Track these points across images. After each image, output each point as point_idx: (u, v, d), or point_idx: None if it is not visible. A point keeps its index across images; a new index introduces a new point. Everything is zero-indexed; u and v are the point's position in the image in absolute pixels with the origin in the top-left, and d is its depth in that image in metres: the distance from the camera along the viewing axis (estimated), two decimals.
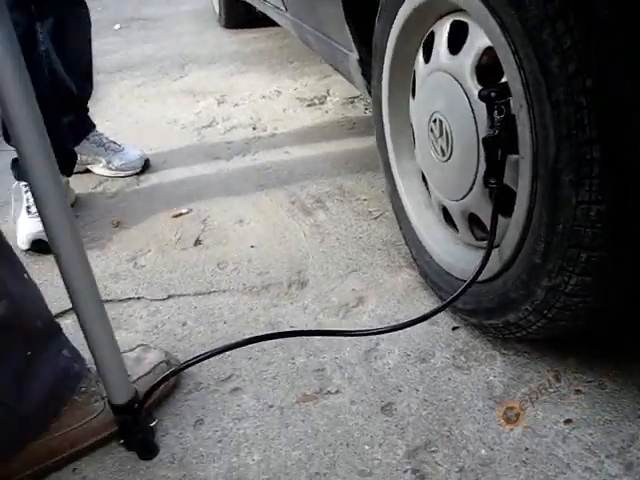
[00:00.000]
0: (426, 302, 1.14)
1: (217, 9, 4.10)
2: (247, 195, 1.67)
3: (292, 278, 1.28)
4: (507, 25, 0.74)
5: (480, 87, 0.85)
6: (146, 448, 0.89)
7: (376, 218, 1.47)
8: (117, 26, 4.58)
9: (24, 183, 1.63)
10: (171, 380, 0.97)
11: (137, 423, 0.88)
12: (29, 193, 1.59)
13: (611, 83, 0.63)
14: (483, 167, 0.86)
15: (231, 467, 0.85)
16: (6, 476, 0.83)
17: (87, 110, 1.88)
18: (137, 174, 1.90)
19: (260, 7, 2.64)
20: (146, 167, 1.92)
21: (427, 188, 1.13)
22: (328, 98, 2.36)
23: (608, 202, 0.67)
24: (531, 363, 0.96)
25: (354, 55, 1.38)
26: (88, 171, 1.93)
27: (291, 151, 1.93)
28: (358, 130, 2.02)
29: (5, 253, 0.81)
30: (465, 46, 0.89)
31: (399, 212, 1.24)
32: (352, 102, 2.28)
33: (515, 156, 0.80)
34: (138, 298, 1.30)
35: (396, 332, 1.02)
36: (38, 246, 1.49)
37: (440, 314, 1.08)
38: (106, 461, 0.88)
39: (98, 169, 1.91)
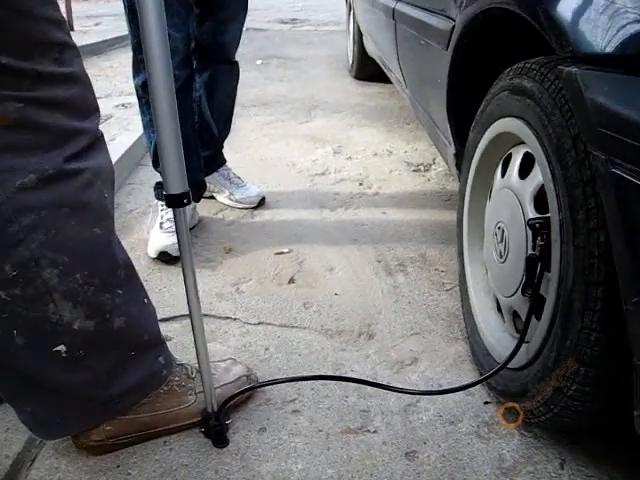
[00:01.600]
0: (469, 374, 1.32)
1: (350, 60, 4.44)
2: (342, 246, 1.92)
3: (362, 329, 1.51)
4: (555, 173, 0.94)
5: (534, 213, 1.05)
6: (219, 439, 1.14)
7: (448, 290, 1.67)
8: (259, 62, 5.05)
9: (162, 202, 1.98)
10: (248, 392, 1.23)
11: (217, 418, 1.14)
12: (164, 212, 1.94)
13: (619, 243, 0.81)
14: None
15: (279, 469, 1.08)
16: (116, 435, 1.11)
17: (222, 147, 2.23)
18: (253, 208, 2.21)
19: (386, 72, 2.92)
20: (261, 203, 2.23)
21: (488, 278, 1.32)
22: (433, 167, 2.58)
23: (604, 332, 0.85)
24: (543, 448, 1.12)
25: (451, 148, 1.60)
26: (213, 198, 2.27)
27: (388, 212, 2.17)
28: (452, 203, 2.22)
29: (132, 284, 1.06)
30: (530, 176, 1.09)
31: (463, 292, 1.43)
32: (452, 176, 2.48)
33: (548, 274, 0.99)
34: (234, 319, 1.57)
35: (434, 395, 1.22)
36: (164, 257, 1.83)
37: (477, 388, 1.26)
38: (189, 441, 1.15)
39: (221, 198, 2.25)
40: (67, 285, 0.93)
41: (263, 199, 2.25)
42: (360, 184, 2.42)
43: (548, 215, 0.97)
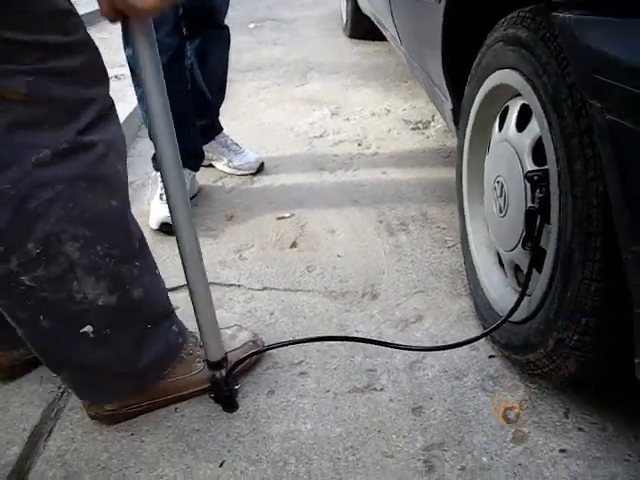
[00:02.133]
0: (474, 330, 1.33)
1: (344, 18, 4.35)
2: (342, 208, 1.92)
3: (366, 289, 1.51)
4: (552, 124, 0.93)
5: (532, 165, 1.04)
6: (229, 403, 1.16)
7: (450, 247, 1.67)
8: (252, 25, 4.95)
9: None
10: (255, 357, 1.24)
11: (226, 383, 1.15)
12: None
13: (616, 192, 0.80)
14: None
15: (288, 430, 1.11)
16: (129, 404, 1.13)
17: (218, 115, 2.21)
18: (252, 174, 2.20)
19: (382, 30, 2.87)
20: (261, 169, 2.22)
21: (489, 233, 1.32)
22: (432, 124, 2.55)
23: (604, 282, 0.85)
24: (548, 398, 1.14)
25: (448, 104, 1.58)
26: (212, 166, 2.26)
27: (388, 172, 2.15)
28: (452, 160, 2.20)
29: (145, 255, 1.07)
30: (527, 128, 1.07)
31: (465, 247, 1.43)
32: (452, 132, 2.45)
33: (549, 226, 0.99)
34: (239, 285, 1.58)
35: (439, 351, 1.23)
36: (166, 228, 1.83)
37: (481, 342, 1.27)
38: (199, 407, 1.17)
39: (220, 166, 2.23)
40: (89, 258, 0.94)
41: (262, 164, 2.24)
42: (359, 145, 2.40)
43: (546, 167, 0.97)
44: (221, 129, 2.24)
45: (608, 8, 0.71)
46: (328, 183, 2.11)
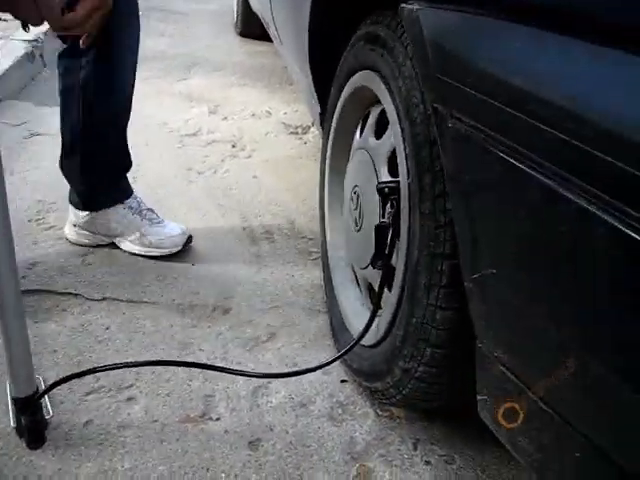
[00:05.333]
0: (329, 351, 1.23)
1: (235, 16, 4.20)
2: (206, 212, 1.77)
3: (217, 303, 1.37)
4: (405, 132, 0.84)
5: (387, 176, 0.95)
6: (34, 438, 0.98)
7: (314, 259, 1.57)
8: (140, 14, 4.66)
9: None
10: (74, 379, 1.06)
11: (32, 413, 0.97)
12: None
13: (457, 211, 0.72)
14: None
15: (102, 469, 0.94)
16: None
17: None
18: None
19: (266, 29, 2.75)
20: (187, 244, 1.57)
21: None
22: (311, 129, 2.46)
23: (451, 310, 0.77)
24: (398, 428, 1.05)
25: (317, 108, 1.48)
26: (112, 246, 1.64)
27: (260, 176, 2.03)
28: None
29: None
30: (384, 136, 0.99)
31: (324, 261, 1.34)
32: None
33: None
34: (76, 295, 1.39)
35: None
36: None
37: (335, 366, 1.17)
38: None
39: (126, 244, 1.57)
40: None
41: (190, 239, 1.57)
42: (233, 146, 2.26)
43: (398, 179, 0.88)
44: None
45: (461, 1, 0.63)
46: (194, 185, 1.95)
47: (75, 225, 1.57)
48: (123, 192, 1.58)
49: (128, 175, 1.64)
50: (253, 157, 2.17)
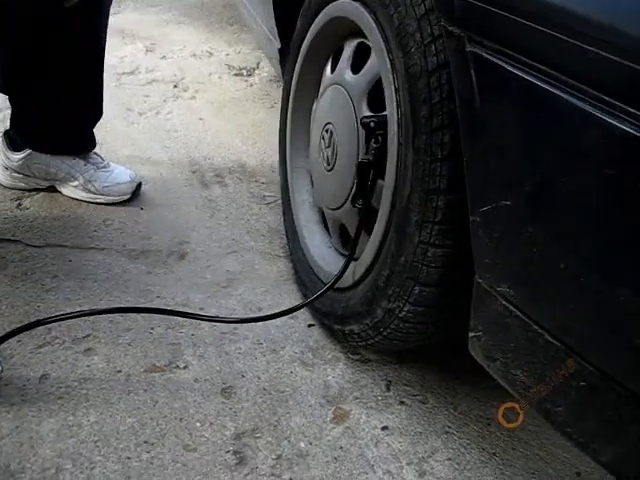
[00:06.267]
0: (292, 296, 1.20)
1: None
2: (151, 155, 1.67)
3: (172, 248, 1.31)
4: (395, 63, 0.80)
5: (368, 111, 0.91)
6: None
7: (269, 204, 1.52)
8: None
9: None
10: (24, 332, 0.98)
11: None
12: None
13: (471, 141, 0.69)
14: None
15: (65, 424, 0.88)
16: None
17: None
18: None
19: None
20: (137, 193, 1.46)
21: (313, 189, 1.19)
22: (256, 71, 2.36)
23: (444, 247, 0.75)
24: (370, 370, 1.04)
25: (276, 44, 1.40)
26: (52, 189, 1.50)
27: (206, 118, 1.93)
28: (276, 111, 2.03)
29: None
30: (364, 69, 0.94)
31: (285, 204, 1.29)
32: (278, 81, 2.28)
33: (383, 182, 0.87)
34: (15, 241, 1.28)
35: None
36: None
37: (301, 310, 1.14)
38: None
39: (69, 190, 1.45)
40: None
41: (139, 186, 1.46)
42: (175, 86, 2.13)
43: (384, 114, 0.84)
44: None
45: None
46: (136, 126, 1.83)
47: (7, 168, 1.43)
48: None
49: None
50: (197, 98, 2.06)
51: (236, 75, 2.30)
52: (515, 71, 0.53)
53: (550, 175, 0.54)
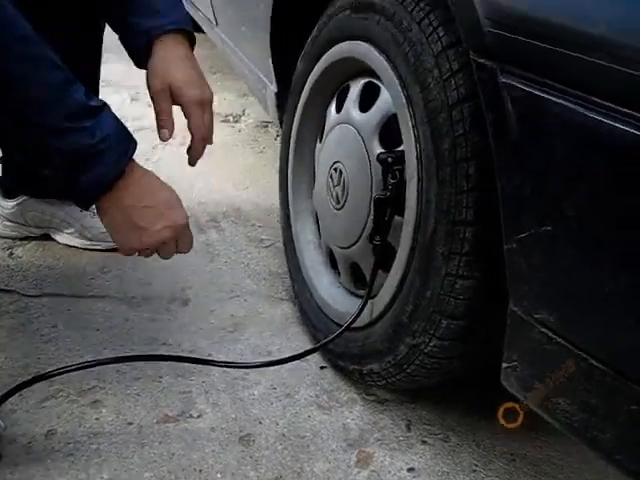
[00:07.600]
0: (300, 338, 1.18)
1: None
2: None
3: (174, 294, 1.28)
4: (412, 99, 0.81)
5: (380, 148, 0.91)
6: None
7: (267, 247, 1.50)
8: None
9: None
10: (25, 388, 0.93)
11: None
12: None
13: (508, 169, 0.69)
14: (371, 224, 0.92)
15: None
16: None
17: None
18: None
19: (193, 14, 2.63)
20: None
21: (319, 230, 1.18)
22: (243, 118, 2.38)
23: (472, 279, 0.75)
24: (387, 410, 1.02)
25: (272, 87, 1.42)
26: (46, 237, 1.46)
27: (196, 165, 1.92)
28: (266, 155, 2.05)
29: None
30: (374, 107, 0.95)
31: (289, 246, 1.27)
32: (265, 126, 2.31)
33: (401, 218, 0.87)
34: (8, 291, 1.24)
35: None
36: None
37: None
38: None
39: (63, 237, 1.42)
40: None
41: None
42: None
43: (402, 149, 0.85)
44: None
45: None
46: None
47: None
48: None
49: None
50: (186, 144, 2.04)
51: (223, 122, 2.32)
52: (553, 99, 0.54)
53: (593, 200, 0.55)
